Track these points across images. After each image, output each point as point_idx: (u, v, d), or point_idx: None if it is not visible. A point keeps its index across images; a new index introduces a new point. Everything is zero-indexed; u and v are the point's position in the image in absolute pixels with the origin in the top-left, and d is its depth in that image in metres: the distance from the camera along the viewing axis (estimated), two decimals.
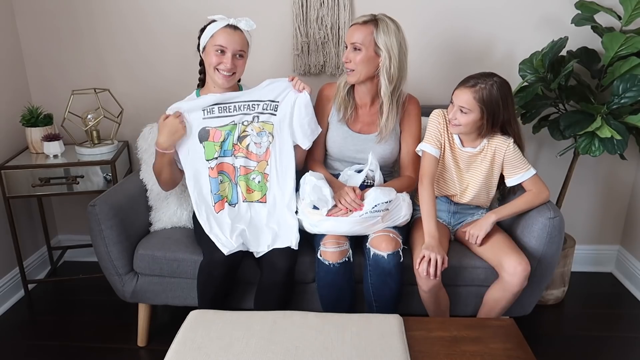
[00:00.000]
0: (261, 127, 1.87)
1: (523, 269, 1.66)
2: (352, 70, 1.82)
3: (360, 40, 1.77)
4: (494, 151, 1.81)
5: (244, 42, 1.80)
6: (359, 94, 1.93)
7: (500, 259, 1.71)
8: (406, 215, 1.83)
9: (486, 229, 1.78)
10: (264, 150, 1.87)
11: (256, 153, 1.87)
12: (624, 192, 2.47)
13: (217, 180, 1.84)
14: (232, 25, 1.78)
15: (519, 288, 1.68)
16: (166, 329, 2.12)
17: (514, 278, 1.67)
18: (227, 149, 1.85)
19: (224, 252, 1.68)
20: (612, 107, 1.91)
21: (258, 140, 1.87)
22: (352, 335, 1.38)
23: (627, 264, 2.47)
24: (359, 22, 1.79)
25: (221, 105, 1.83)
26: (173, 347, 1.35)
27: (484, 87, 1.67)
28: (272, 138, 1.87)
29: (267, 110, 1.87)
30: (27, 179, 2.18)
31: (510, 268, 1.67)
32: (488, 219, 1.79)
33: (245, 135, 1.86)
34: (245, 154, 1.87)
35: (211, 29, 1.78)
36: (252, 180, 1.88)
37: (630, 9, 1.94)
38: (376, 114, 1.93)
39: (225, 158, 1.85)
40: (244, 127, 1.85)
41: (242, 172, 1.87)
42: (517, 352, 1.37)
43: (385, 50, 1.78)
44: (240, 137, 1.86)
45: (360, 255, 1.81)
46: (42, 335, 2.12)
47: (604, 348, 2.03)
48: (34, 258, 2.54)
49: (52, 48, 2.41)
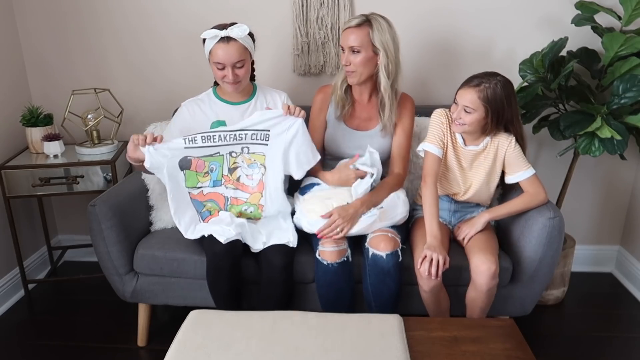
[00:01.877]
0: (252, 158, 1.82)
1: (487, 267, 1.66)
2: (353, 72, 1.82)
3: (358, 42, 1.78)
4: (496, 148, 1.81)
5: (241, 51, 1.79)
6: (357, 91, 1.94)
7: (469, 258, 1.74)
8: (403, 212, 1.83)
9: (477, 227, 1.80)
10: (257, 182, 1.84)
11: (248, 185, 1.85)
12: (624, 192, 2.47)
13: (201, 202, 1.82)
14: (225, 38, 1.77)
15: (486, 287, 1.68)
16: (166, 329, 2.12)
17: (478, 277, 1.68)
18: (216, 180, 1.82)
19: (221, 240, 1.68)
20: (612, 107, 1.91)
21: (249, 172, 1.83)
22: (352, 335, 1.38)
23: (627, 264, 2.47)
24: (353, 25, 1.79)
25: (204, 134, 1.74)
26: (173, 347, 1.35)
27: (488, 87, 1.68)
28: (264, 170, 1.83)
29: (256, 140, 1.79)
30: (27, 179, 2.18)
31: (475, 267, 1.69)
32: (481, 217, 1.81)
33: (236, 167, 1.83)
34: (236, 185, 1.84)
35: (208, 46, 1.80)
36: (244, 211, 1.86)
37: (630, 9, 1.94)
38: (374, 109, 1.94)
39: (215, 188, 1.83)
40: (233, 159, 1.81)
41: (234, 202, 1.85)
42: (517, 352, 1.37)
43: (383, 49, 1.79)
44: (230, 169, 1.82)
45: (359, 255, 1.81)
46: (42, 335, 2.12)
47: (604, 348, 2.03)
48: (34, 258, 2.54)
49: (52, 48, 2.41)
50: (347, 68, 1.83)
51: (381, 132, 1.93)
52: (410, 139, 1.94)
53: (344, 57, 1.82)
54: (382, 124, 1.92)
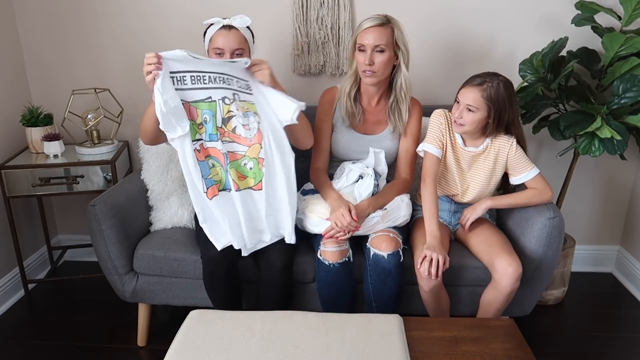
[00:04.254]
0: (245, 106, 1.68)
1: (514, 269, 1.65)
2: (374, 73, 1.79)
3: (384, 41, 1.76)
4: (497, 151, 1.81)
5: (241, 40, 1.78)
6: (367, 96, 1.92)
7: (492, 260, 1.72)
8: (406, 215, 1.83)
9: (478, 213, 1.80)
10: (255, 132, 1.68)
11: (246, 136, 1.68)
12: (624, 192, 2.47)
13: (206, 163, 1.67)
14: (227, 26, 1.77)
15: (510, 289, 1.68)
16: (166, 329, 2.12)
17: (504, 279, 1.67)
18: (212, 133, 1.66)
19: (217, 247, 1.66)
20: (612, 107, 1.91)
21: (246, 122, 1.67)
22: (352, 335, 1.38)
23: (627, 264, 2.47)
24: (377, 24, 1.76)
25: (194, 74, 1.60)
26: (173, 347, 1.35)
27: (491, 86, 1.68)
28: (259, 118, 1.69)
29: (242, 88, 1.67)
30: (27, 179, 2.18)
31: (501, 269, 1.67)
32: (483, 203, 1.82)
33: (231, 116, 1.67)
34: (232, 138, 1.69)
35: (209, 33, 1.79)
36: (243, 166, 1.70)
37: (630, 9, 1.94)
38: (382, 112, 1.93)
39: (212, 142, 1.67)
40: (227, 107, 1.65)
41: (231, 158, 1.68)
42: (517, 352, 1.37)
43: (405, 48, 1.80)
44: (224, 120, 1.67)
45: (360, 255, 1.81)
46: (42, 335, 2.12)
47: (604, 348, 2.03)
48: (34, 258, 2.54)
49: (52, 48, 2.41)
50: (369, 68, 1.78)
51: (391, 134, 1.92)
52: (417, 143, 1.91)
53: (366, 57, 1.77)
54: (392, 127, 1.91)
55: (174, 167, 2.05)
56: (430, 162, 1.81)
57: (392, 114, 1.90)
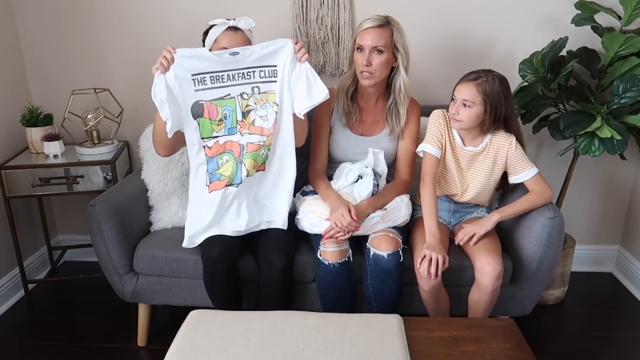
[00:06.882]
0: (263, 98, 1.74)
1: (492, 268, 1.66)
2: (372, 74, 1.79)
3: (383, 43, 1.76)
4: (496, 150, 1.81)
5: (246, 41, 1.80)
6: (364, 96, 1.92)
7: (474, 259, 1.73)
8: (405, 215, 1.83)
9: (487, 227, 1.78)
10: (272, 122, 1.74)
11: (264, 127, 1.74)
12: (624, 192, 2.47)
13: (216, 160, 1.74)
14: (233, 27, 1.78)
15: (491, 288, 1.68)
16: (166, 329, 2.12)
17: (484, 277, 1.67)
18: (231, 127, 1.74)
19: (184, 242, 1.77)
20: (612, 107, 1.91)
21: (263, 114, 1.74)
22: (352, 335, 1.38)
23: (627, 264, 2.47)
24: (376, 25, 1.76)
25: (213, 74, 1.70)
26: (173, 347, 1.35)
27: (486, 80, 1.69)
28: (277, 107, 1.74)
29: (265, 77, 1.74)
30: (27, 179, 2.18)
31: (480, 268, 1.68)
32: (491, 218, 1.78)
33: (249, 110, 1.74)
34: (252, 130, 1.75)
35: (214, 33, 1.80)
36: (261, 155, 1.76)
37: (630, 9, 1.94)
38: (380, 113, 1.93)
39: (231, 136, 1.75)
40: (245, 102, 1.74)
41: (250, 149, 1.74)
42: (517, 352, 1.37)
43: (404, 51, 1.80)
44: (244, 113, 1.74)
45: (360, 255, 1.81)
46: (42, 335, 2.12)
47: (603, 348, 2.03)
48: (34, 258, 2.54)
49: (52, 48, 2.41)
50: (367, 69, 1.78)
51: (389, 135, 1.92)
52: (416, 144, 1.90)
53: (364, 58, 1.77)
54: (390, 128, 1.91)
55: (174, 167, 2.05)
56: (430, 162, 1.81)
57: (390, 116, 1.90)
